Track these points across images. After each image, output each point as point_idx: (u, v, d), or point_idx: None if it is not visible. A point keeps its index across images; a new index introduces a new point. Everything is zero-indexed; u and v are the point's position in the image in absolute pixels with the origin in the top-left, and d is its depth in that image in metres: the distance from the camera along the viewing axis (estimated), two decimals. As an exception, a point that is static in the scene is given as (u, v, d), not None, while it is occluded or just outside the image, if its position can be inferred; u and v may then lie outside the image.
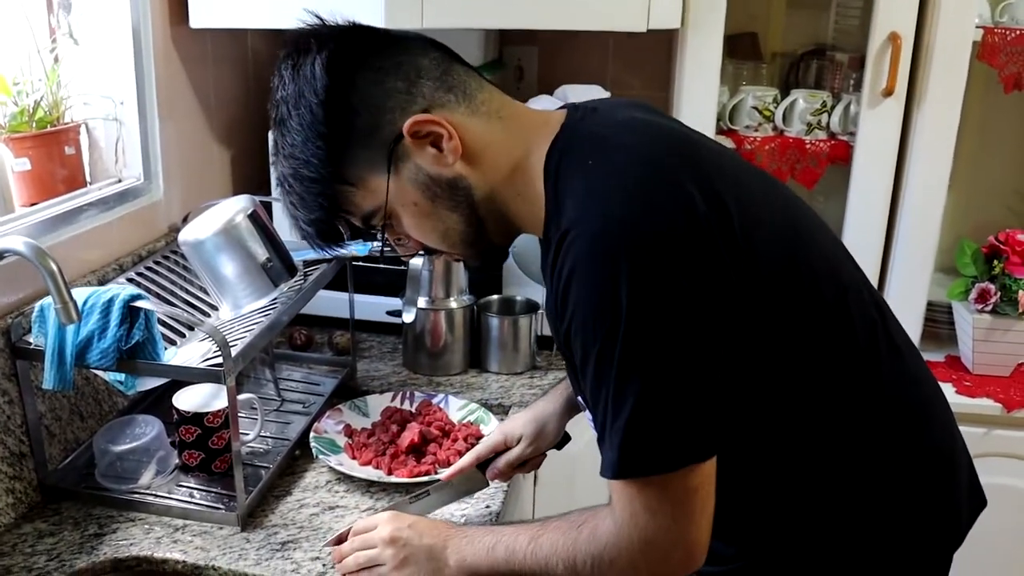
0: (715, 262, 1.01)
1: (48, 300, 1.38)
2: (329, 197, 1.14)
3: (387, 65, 1.11)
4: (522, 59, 2.53)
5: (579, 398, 1.25)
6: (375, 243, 1.75)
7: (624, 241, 0.99)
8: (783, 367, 1.11)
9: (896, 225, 2.17)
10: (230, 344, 1.37)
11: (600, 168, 1.05)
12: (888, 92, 2.05)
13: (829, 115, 2.20)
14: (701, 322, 1.00)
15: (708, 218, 1.01)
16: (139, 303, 1.36)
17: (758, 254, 1.05)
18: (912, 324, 2.19)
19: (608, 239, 0.99)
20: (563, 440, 1.52)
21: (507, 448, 1.50)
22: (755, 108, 2.23)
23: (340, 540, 1.33)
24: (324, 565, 1.35)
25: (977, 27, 2.05)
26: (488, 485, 1.52)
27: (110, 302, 1.35)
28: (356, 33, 1.15)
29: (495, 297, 2.03)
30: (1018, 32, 2.08)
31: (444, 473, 1.50)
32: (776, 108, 2.22)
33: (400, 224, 1.17)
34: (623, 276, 0.98)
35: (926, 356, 2.21)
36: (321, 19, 1.16)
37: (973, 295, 2.14)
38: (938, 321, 2.35)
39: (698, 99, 2.09)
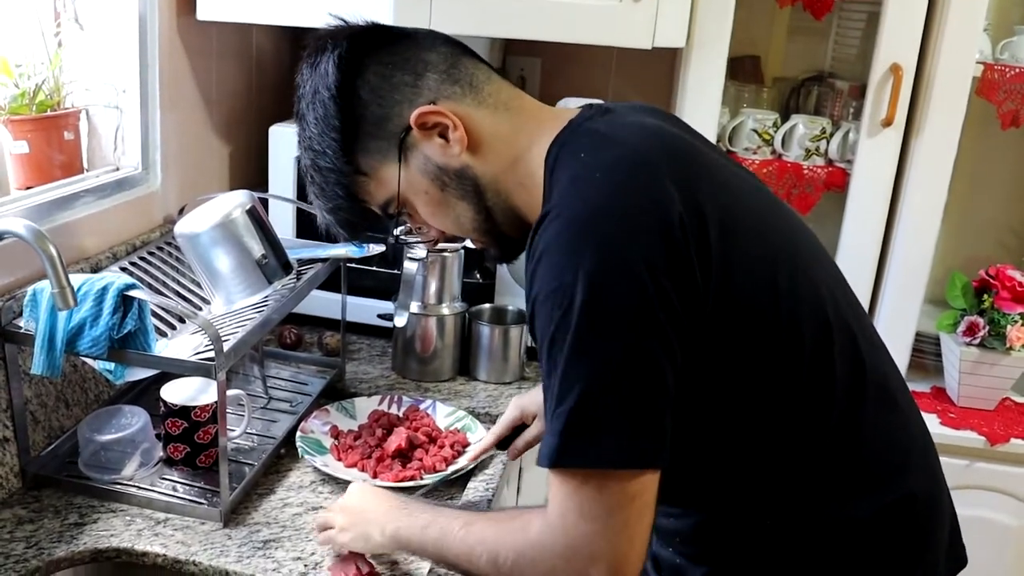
0: (682, 264, 1.00)
1: (41, 285, 1.37)
2: (345, 187, 1.19)
3: (396, 60, 1.16)
4: (525, 70, 2.53)
5: None
6: (374, 245, 1.77)
7: (592, 228, 0.99)
8: (743, 391, 1.08)
9: (888, 254, 2.18)
10: (222, 339, 1.36)
11: (589, 160, 1.06)
12: (888, 122, 2.06)
13: (828, 142, 2.22)
14: (659, 321, 0.98)
15: (684, 220, 1.00)
16: (133, 292, 1.35)
17: (733, 267, 1.04)
18: (900, 353, 2.20)
19: (577, 225, 1.00)
20: None
21: (523, 424, 1.52)
22: (755, 131, 2.23)
23: None
24: (306, 565, 1.34)
25: (977, 63, 2.07)
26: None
27: (104, 290, 1.34)
28: (369, 31, 1.19)
29: (487, 306, 2.03)
30: (1018, 70, 2.10)
31: (466, 457, 1.56)
32: (776, 132, 2.23)
33: (416, 212, 1.22)
34: (584, 262, 0.97)
35: (911, 386, 2.23)
36: (344, 21, 1.22)
37: (962, 328, 2.15)
38: (925, 352, 2.37)
39: (699, 119, 2.10)
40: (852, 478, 1.13)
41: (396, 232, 1.27)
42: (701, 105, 2.10)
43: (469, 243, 1.86)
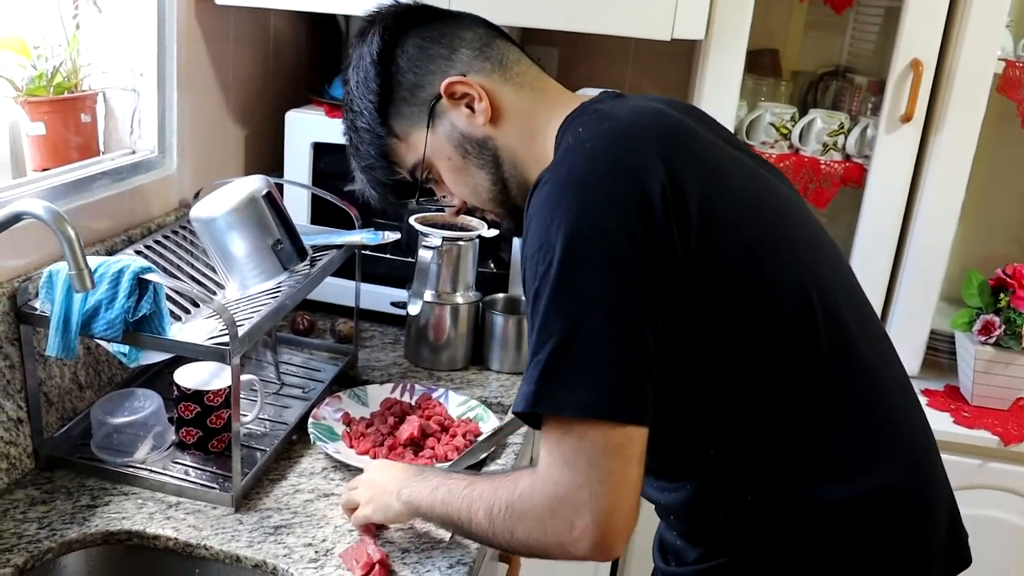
0: (659, 231, 1.04)
1: (57, 266, 1.37)
2: (378, 147, 1.30)
3: (434, 35, 1.27)
4: (542, 60, 2.50)
5: None
6: (388, 232, 1.77)
7: (573, 190, 1.06)
8: (721, 362, 1.11)
9: (904, 251, 2.17)
10: (237, 324, 1.36)
11: (584, 134, 1.14)
12: (907, 118, 2.05)
13: (846, 137, 2.20)
14: (635, 281, 1.02)
15: (665, 191, 1.05)
16: (149, 276, 1.35)
17: (712, 241, 1.08)
18: (914, 351, 2.19)
19: (562, 188, 1.07)
20: None
21: None
22: (772, 125, 2.22)
23: None
24: (317, 552, 1.34)
25: (999, 59, 2.06)
26: None
27: (120, 273, 1.34)
28: (415, 9, 1.31)
29: (501, 295, 2.03)
30: (1040, 67, 2.08)
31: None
32: (793, 126, 2.22)
33: (441, 180, 1.31)
34: (562, 219, 1.03)
35: (924, 384, 2.25)
36: (397, 1, 1.33)
37: (977, 327, 2.14)
38: (940, 350, 2.35)
39: (716, 112, 2.04)
40: (826, 463, 1.14)
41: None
42: (719, 98, 2.09)
43: (484, 233, 1.88)
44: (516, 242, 2.00)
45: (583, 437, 1.03)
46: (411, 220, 1.90)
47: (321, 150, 2.04)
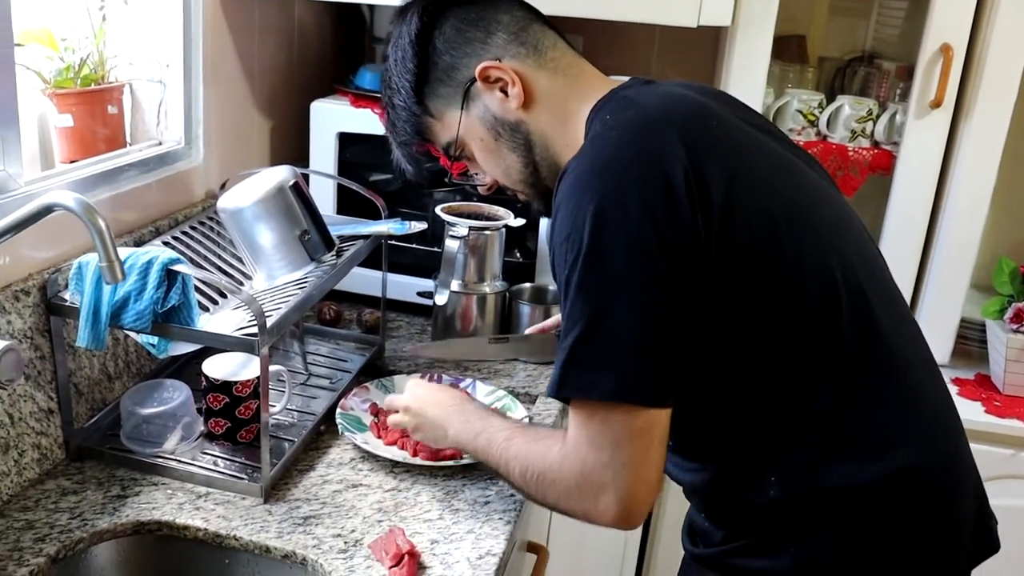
0: (682, 215, 1.06)
1: (87, 258, 1.37)
2: (414, 124, 1.33)
3: (471, 17, 1.28)
4: (568, 47, 2.51)
5: None
6: (415, 222, 1.76)
7: (599, 177, 1.09)
8: (745, 342, 1.13)
9: (934, 238, 2.15)
10: (265, 315, 1.36)
11: (611, 121, 1.16)
12: (936, 104, 2.02)
13: (874, 123, 2.18)
14: (659, 267, 1.05)
15: (688, 175, 1.07)
16: (178, 267, 1.35)
17: (735, 221, 1.09)
18: (944, 340, 2.17)
19: (588, 175, 1.10)
20: None
21: None
22: (799, 111, 2.21)
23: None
24: (346, 542, 1.34)
25: (1031, 43, 2.03)
26: None
27: (149, 264, 1.35)
28: None
29: (527, 285, 2.02)
30: (1073, 51, 2.05)
31: (531, 328, 1.68)
32: (821, 113, 2.20)
33: (474, 158, 1.34)
34: (589, 207, 1.06)
35: (955, 373, 2.23)
36: None
37: (1009, 315, 2.11)
38: (970, 338, 2.33)
39: (743, 99, 2.06)
40: (848, 444, 1.15)
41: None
42: (746, 85, 2.07)
43: (510, 222, 1.87)
44: (542, 232, 1.99)
45: (607, 419, 1.08)
46: (437, 210, 1.89)
47: (347, 140, 2.04)
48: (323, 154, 2.05)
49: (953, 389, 2.12)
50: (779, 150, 1.24)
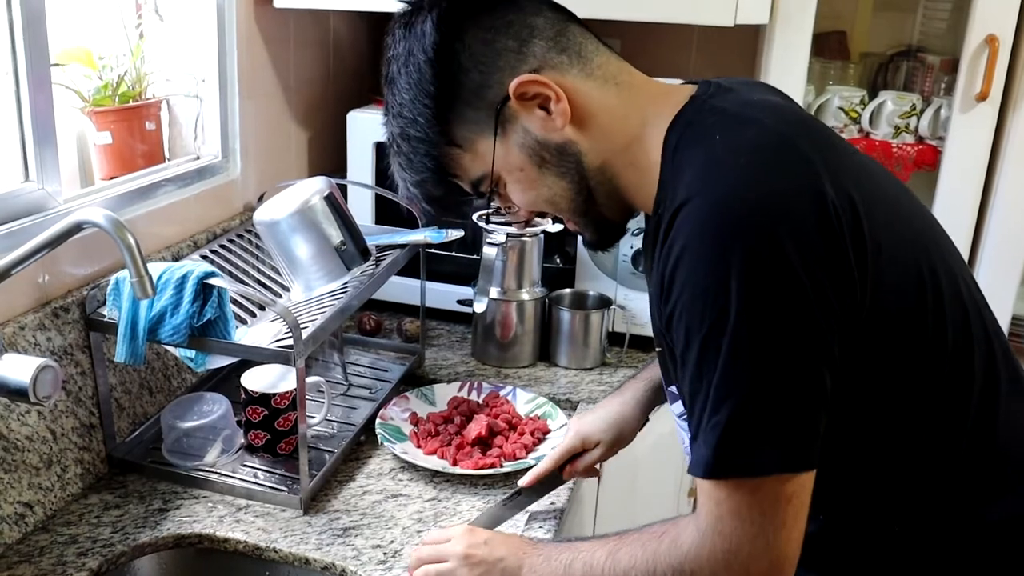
0: (839, 258, 0.93)
1: (123, 274, 1.38)
2: (435, 158, 1.12)
3: (498, 23, 1.07)
4: (603, 51, 2.49)
5: (670, 389, 1.19)
6: (452, 230, 1.75)
7: (743, 221, 0.91)
8: (886, 387, 1.02)
9: (983, 235, 2.09)
10: (301, 326, 1.36)
11: (727, 142, 0.98)
12: (982, 96, 1.98)
13: (918, 118, 2.14)
14: (818, 323, 0.92)
15: (835, 205, 0.93)
16: (213, 280, 1.36)
17: (882, 254, 0.96)
18: (996, 338, 2.12)
19: (726, 216, 0.92)
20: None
21: (584, 449, 1.46)
22: (841, 109, 2.17)
23: None
24: (385, 553, 1.34)
25: (1080, 31, 1.98)
26: (564, 483, 1.50)
27: (184, 278, 1.35)
28: None
29: (567, 291, 2.01)
30: (1123, 39, 1.99)
31: (524, 480, 1.45)
32: (863, 109, 2.16)
33: (505, 192, 1.14)
34: (737, 260, 0.90)
35: (1008, 372, 2.16)
36: None
37: (1062, 311, 2.06)
38: (1022, 336, 2.27)
39: (783, 97, 2.04)
40: (985, 478, 1.06)
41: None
42: (785, 83, 2.03)
43: (549, 227, 1.85)
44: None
45: (756, 492, 0.96)
46: (475, 217, 1.88)
47: (384, 150, 2.03)
48: (361, 164, 2.05)
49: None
50: (878, 165, 1.13)
